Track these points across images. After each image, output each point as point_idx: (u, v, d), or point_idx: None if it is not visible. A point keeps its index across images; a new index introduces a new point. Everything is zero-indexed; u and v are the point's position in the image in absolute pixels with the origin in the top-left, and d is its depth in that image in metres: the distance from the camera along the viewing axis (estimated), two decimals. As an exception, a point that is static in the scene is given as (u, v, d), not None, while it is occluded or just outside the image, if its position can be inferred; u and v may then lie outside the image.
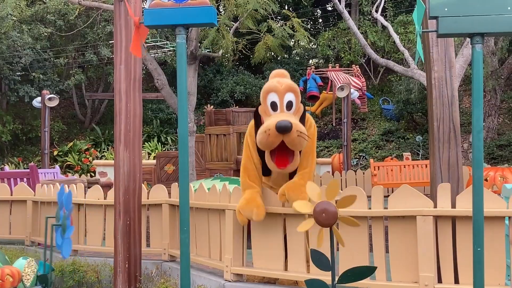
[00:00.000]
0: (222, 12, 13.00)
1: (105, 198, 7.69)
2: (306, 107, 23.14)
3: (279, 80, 5.67)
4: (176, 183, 7.26)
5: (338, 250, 5.35)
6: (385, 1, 17.95)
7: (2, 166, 18.94)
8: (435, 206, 4.93)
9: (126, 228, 6.52)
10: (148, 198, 7.34)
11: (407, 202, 5.00)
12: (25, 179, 10.51)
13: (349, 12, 27.29)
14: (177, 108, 12.64)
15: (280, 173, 5.77)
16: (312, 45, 27.24)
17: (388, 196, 5.20)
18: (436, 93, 5.17)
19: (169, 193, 7.23)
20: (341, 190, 7.12)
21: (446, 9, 3.93)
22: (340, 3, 11.96)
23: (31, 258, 6.51)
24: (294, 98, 5.55)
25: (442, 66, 5.16)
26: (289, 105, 5.54)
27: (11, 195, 9.02)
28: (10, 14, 18.66)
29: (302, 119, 5.60)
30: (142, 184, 6.95)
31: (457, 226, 4.87)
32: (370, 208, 5.22)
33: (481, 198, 3.93)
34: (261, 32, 14.55)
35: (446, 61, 5.17)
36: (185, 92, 4.28)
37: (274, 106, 5.54)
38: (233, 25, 13.71)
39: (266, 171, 5.88)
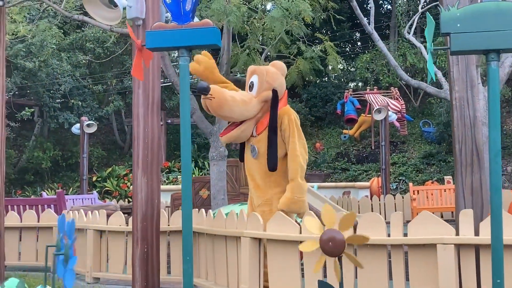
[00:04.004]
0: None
1: (127, 225, 7.58)
2: (344, 131, 23.07)
3: (259, 66, 6.35)
4: (196, 209, 7.12)
5: (356, 277, 5.11)
6: (423, 23, 17.65)
7: (41, 192, 19.16)
8: (457, 234, 4.65)
9: (144, 256, 6.38)
10: (168, 225, 7.21)
11: (428, 229, 4.72)
12: (52, 206, 10.53)
13: (388, 35, 27.08)
14: (208, 133, 12.63)
15: (248, 159, 6.21)
16: (350, 68, 27.00)
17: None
18: (458, 114, 4.91)
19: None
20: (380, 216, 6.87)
21: (458, 25, 3.72)
22: (369, 24, 11.75)
23: (49, 287, 6.42)
24: (257, 81, 6.00)
25: (463, 86, 4.91)
26: (251, 86, 6.06)
27: (38, 221, 9.00)
28: (49, 42, 19.01)
29: (274, 109, 5.95)
30: (163, 210, 6.84)
31: (481, 255, 4.57)
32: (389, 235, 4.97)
33: (500, 225, 3.67)
34: (291, 55, 14.41)
35: (467, 81, 4.91)
36: (188, 115, 4.15)
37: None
38: (263, 48, 13.61)
39: (241, 156, 6.40)
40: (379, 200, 15.43)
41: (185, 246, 4.06)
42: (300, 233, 5.35)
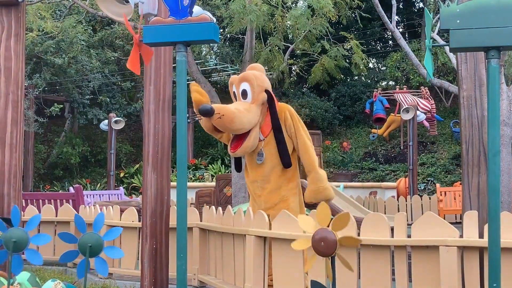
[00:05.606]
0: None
1: (139, 221, 7.59)
2: (373, 130, 22.74)
3: (244, 72, 6.14)
4: (208, 206, 7.10)
5: (359, 278, 5.03)
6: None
7: (69, 187, 19.36)
8: (462, 236, 4.53)
9: (152, 252, 6.38)
10: (180, 221, 7.19)
11: (431, 230, 4.62)
12: (70, 201, 10.62)
13: (420, 33, 26.69)
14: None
15: (254, 165, 6.11)
16: (381, 67, 26.68)
17: (455, 223, 4.86)
18: (465, 113, 4.79)
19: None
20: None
21: (458, 21, 3.61)
22: (391, 22, 11.58)
23: (58, 281, 6.40)
24: (248, 87, 5.92)
25: (471, 84, 4.79)
26: (244, 94, 5.97)
27: (56, 216, 9.08)
28: (79, 39, 19.19)
29: (272, 109, 5.97)
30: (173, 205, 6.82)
31: (485, 257, 4.44)
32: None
33: (498, 228, 3.55)
34: (316, 53, 14.26)
35: (475, 79, 4.79)
36: (184, 111, 4.11)
37: (235, 96, 6.07)
38: (285, 46, 13.49)
39: (237, 166, 6.42)
40: (406, 201, 15.23)
41: (179, 242, 4.02)
42: (304, 232, 5.28)
